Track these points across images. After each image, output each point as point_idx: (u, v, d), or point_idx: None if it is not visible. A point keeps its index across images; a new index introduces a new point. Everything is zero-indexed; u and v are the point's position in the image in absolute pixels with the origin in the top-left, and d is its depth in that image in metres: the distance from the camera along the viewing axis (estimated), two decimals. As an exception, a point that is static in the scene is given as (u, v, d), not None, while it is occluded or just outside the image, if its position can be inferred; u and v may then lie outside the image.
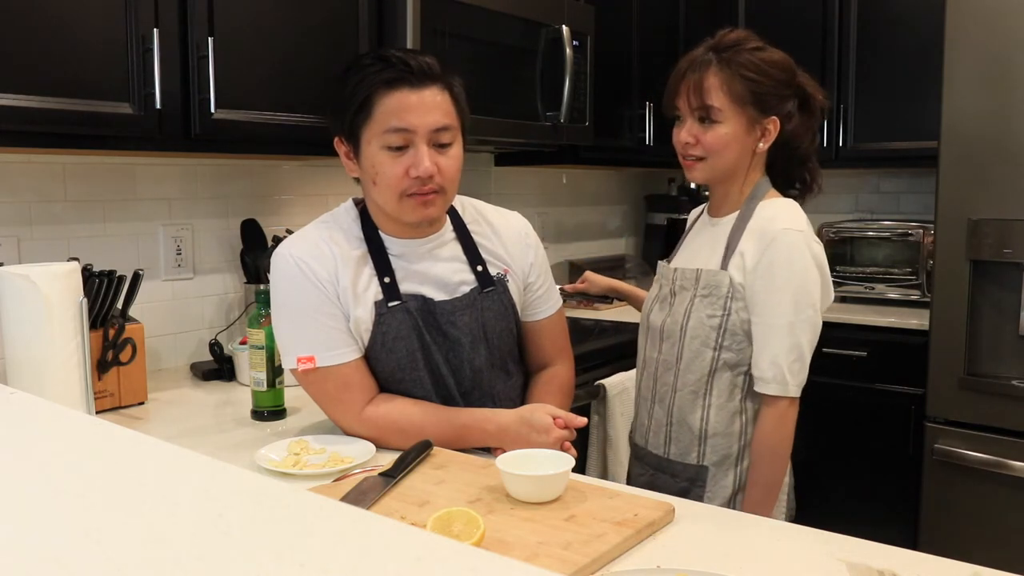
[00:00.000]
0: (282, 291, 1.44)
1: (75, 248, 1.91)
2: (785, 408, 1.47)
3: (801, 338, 1.44)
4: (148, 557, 0.51)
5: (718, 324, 1.49)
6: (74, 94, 1.53)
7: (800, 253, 1.44)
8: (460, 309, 1.46)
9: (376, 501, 1.15)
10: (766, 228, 1.46)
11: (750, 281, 1.46)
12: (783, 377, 1.44)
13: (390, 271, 1.44)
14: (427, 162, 1.36)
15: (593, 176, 3.47)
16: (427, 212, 1.41)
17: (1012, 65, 2.28)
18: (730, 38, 1.51)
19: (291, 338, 1.44)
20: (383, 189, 1.40)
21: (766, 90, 1.48)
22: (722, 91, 1.47)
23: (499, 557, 0.52)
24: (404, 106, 1.36)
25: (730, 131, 1.48)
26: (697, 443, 1.52)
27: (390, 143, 1.37)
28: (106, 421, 0.80)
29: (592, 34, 2.59)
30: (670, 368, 1.55)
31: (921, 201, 3.23)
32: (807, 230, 1.48)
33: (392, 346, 1.43)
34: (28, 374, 1.48)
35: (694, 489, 1.52)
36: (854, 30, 3.04)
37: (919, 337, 2.58)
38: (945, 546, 2.30)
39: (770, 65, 1.49)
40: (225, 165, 2.19)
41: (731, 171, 1.53)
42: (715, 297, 1.49)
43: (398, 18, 2.03)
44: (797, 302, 1.43)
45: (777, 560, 1.02)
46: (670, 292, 1.58)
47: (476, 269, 1.50)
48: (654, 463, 1.59)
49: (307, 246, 1.44)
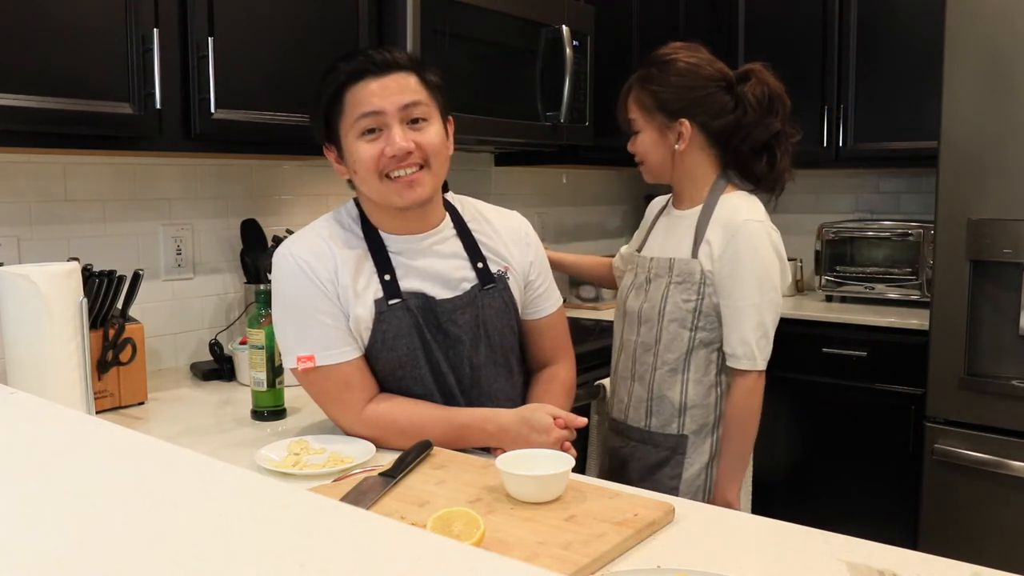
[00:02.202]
0: (283, 290, 1.45)
1: (75, 248, 1.91)
2: (754, 381, 1.63)
3: (766, 317, 1.61)
4: (148, 557, 0.51)
5: (693, 307, 1.66)
6: (74, 94, 1.53)
7: (761, 241, 1.61)
8: (460, 307, 1.46)
9: (376, 501, 1.15)
10: (730, 219, 1.63)
11: (717, 268, 1.63)
12: (752, 353, 1.61)
13: (390, 268, 1.44)
14: (399, 139, 1.37)
15: (593, 176, 3.47)
16: (414, 193, 1.41)
17: (1012, 65, 2.28)
18: (653, 55, 1.73)
19: (292, 338, 1.44)
20: (364, 176, 1.41)
21: (667, 96, 1.68)
22: (635, 104, 1.73)
23: (499, 557, 0.52)
24: (369, 92, 1.38)
25: (647, 137, 1.72)
26: (677, 415, 1.68)
27: (363, 127, 1.39)
28: (106, 421, 0.80)
29: (592, 34, 2.59)
30: (649, 349, 1.71)
31: (921, 201, 3.23)
32: (766, 220, 1.65)
33: (393, 344, 1.43)
34: (28, 374, 1.48)
35: (675, 456, 1.68)
36: (854, 30, 3.03)
37: (919, 337, 2.57)
38: (945, 546, 2.30)
39: (674, 73, 1.68)
40: (225, 165, 2.19)
41: (663, 170, 1.74)
42: (689, 283, 1.66)
43: (398, 18, 2.03)
44: (761, 286, 1.61)
45: (777, 560, 1.02)
46: (646, 279, 1.73)
47: (477, 266, 1.51)
48: (636, 436, 1.74)
49: (308, 245, 1.44)
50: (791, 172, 1.72)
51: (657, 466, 1.69)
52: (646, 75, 1.72)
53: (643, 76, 1.72)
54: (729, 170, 1.73)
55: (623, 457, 1.75)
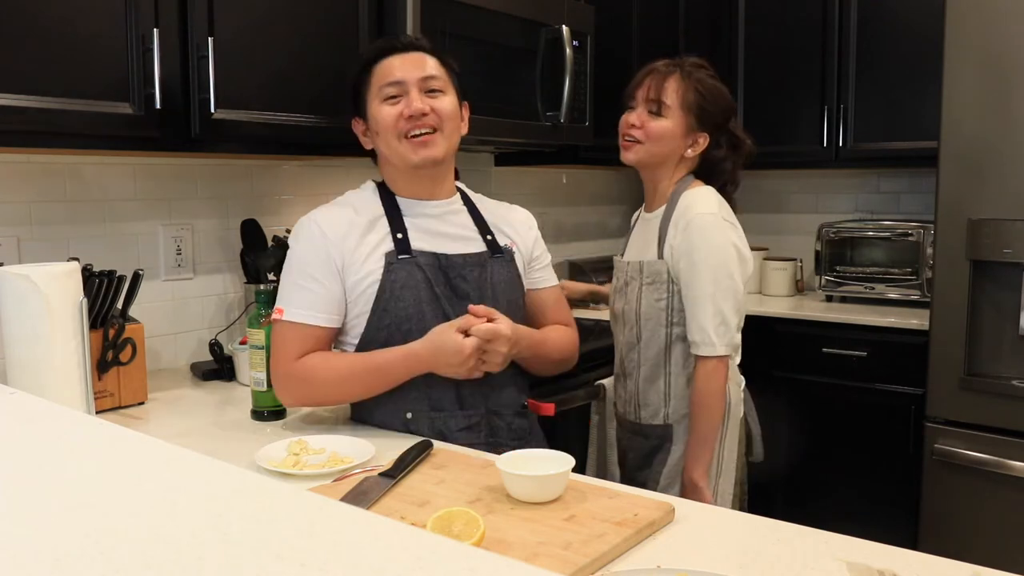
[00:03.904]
0: (293, 248, 1.56)
1: (75, 248, 1.90)
2: (714, 366, 1.69)
3: (723, 305, 1.67)
4: (148, 557, 0.51)
5: (666, 305, 1.75)
6: (74, 94, 1.53)
7: (712, 232, 1.68)
8: (470, 265, 1.55)
9: (376, 501, 1.15)
10: (684, 215, 1.71)
11: (675, 261, 1.71)
12: (710, 339, 1.67)
13: (403, 228, 1.55)
14: (416, 101, 1.52)
15: (593, 176, 3.47)
16: (428, 152, 1.53)
17: (1012, 65, 2.28)
18: (692, 60, 1.80)
19: (283, 289, 1.55)
20: (385, 135, 1.55)
21: (708, 108, 1.76)
22: (676, 93, 1.76)
23: (499, 557, 0.52)
24: (393, 65, 1.55)
25: (671, 126, 1.75)
26: (662, 406, 1.78)
27: (386, 94, 1.54)
28: (106, 421, 0.80)
29: (592, 34, 2.59)
30: (633, 347, 1.80)
31: (921, 201, 3.23)
32: (719, 211, 1.71)
33: (400, 294, 1.50)
34: (28, 374, 1.48)
35: (664, 445, 1.77)
36: (854, 30, 3.04)
37: (919, 337, 2.57)
38: (945, 546, 2.30)
39: (718, 92, 1.78)
40: (225, 165, 2.19)
41: (660, 162, 1.79)
42: (658, 283, 1.75)
43: (398, 18, 2.03)
44: (715, 274, 1.67)
45: (777, 560, 1.02)
46: (624, 283, 1.83)
47: (486, 238, 1.61)
48: (630, 428, 1.84)
49: (326, 211, 1.57)
50: (740, 172, 1.86)
51: (650, 454, 1.79)
52: (696, 74, 1.77)
53: (693, 73, 1.77)
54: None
55: (623, 448, 1.90)
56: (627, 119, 1.81)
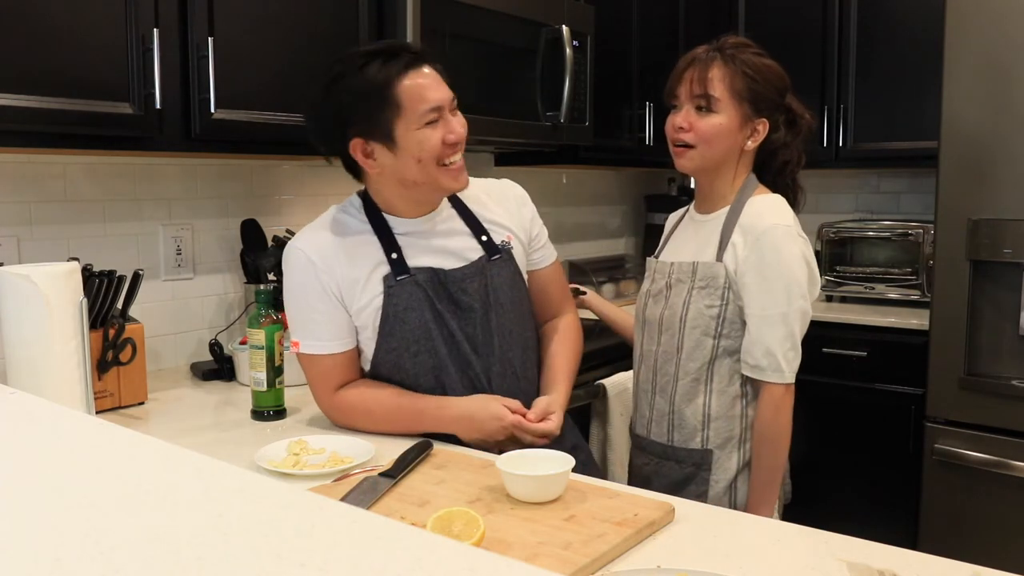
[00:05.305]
0: (287, 280, 1.54)
1: (75, 248, 1.90)
2: (782, 394, 1.53)
3: (794, 327, 1.51)
4: (148, 557, 0.51)
5: (717, 314, 1.54)
6: (74, 94, 1.53)
7: (788, 247, 1.50)
8: (469, 276, 1.51)
9: (376, 501, 1.15)
10: (755, 223, 1.52)
11: (741, 272, 1.52)
12: (779, 365, 1.51)
13: (397, 248, 1.50)
14: (460, 127, 1.47)
15: (593, 176, 3.46)
16: (464, 177, 1.49)
17: (1012, 65, 2.28)
18: (733, 40, 1.58)
19: (291, 322, 1.55)
20: (426, 162, 1.45)
21: (762, 91, 1.55)
22: (723, 83, 1.54)
23: (499, 557, 0.52)
24: (425, 87, 1.44)
25: (724, 122, 1.55)
26: (701, 428, 1.57)
27: (429, 120, 1.44)
28: (106, 421, 0.80)
29: (592, 34, 2.59)
30: (671, 358, 1.59)
31: (921, 201, 3.23)
32: (794, 224, 1.54)
33: (404, 316, 1.48)
34: (28, 374, 1.48)
35: (700, 473, 1.57)
36: (854, 30, 3.03)
37: (919, 337, 2.57)
38: (945, 546, 2.29)
39: (769, 70, 1.57)
40: (225, 165, 2.19)
41: (719, 163, 1.58)
42: (712, 288, 1.54)
43: (398, 18, 2.03)
44: (789, 293, 1.50)
45: (777, 560, 1.02)
46: (666, 286, 1.62)
47: (481, 239, 1.56)
48: (658, 452, 1.63)
49: (311, 237, 1.52)
50: (803, 190, 1.71)
51: (682, 483, 1.58)
52: (740, 56, 1.55)
53: (737, 55, 1.55)
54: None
55: (646, 475, 1.64)
56: (673, 121, 1.59)
